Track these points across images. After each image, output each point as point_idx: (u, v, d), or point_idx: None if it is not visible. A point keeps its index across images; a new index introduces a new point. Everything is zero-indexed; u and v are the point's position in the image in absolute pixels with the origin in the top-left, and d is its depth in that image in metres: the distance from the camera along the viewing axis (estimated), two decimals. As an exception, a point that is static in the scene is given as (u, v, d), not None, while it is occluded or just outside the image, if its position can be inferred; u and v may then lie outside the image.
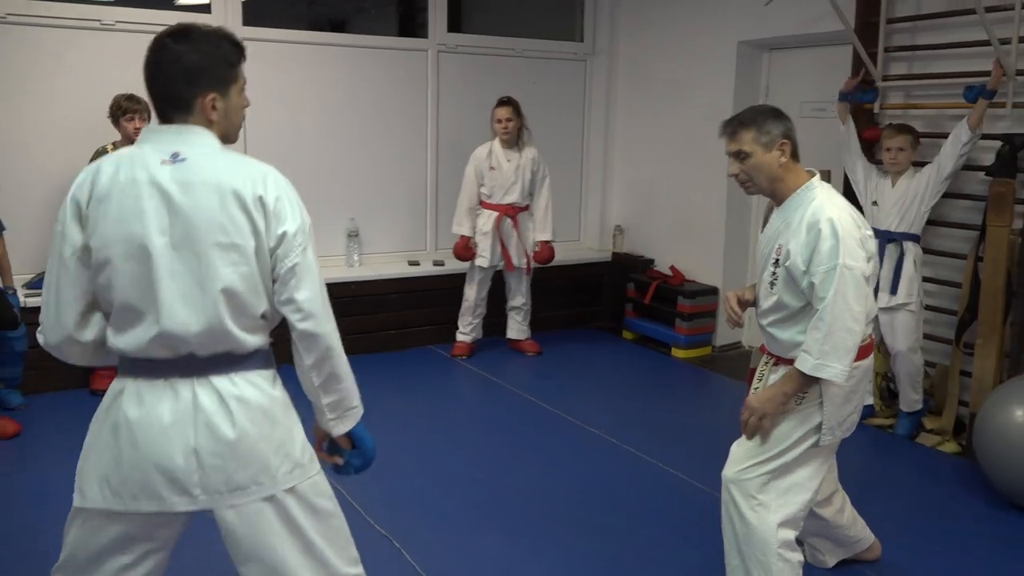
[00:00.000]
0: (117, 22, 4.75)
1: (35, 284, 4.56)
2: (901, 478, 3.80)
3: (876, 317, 4.13)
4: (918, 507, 3.50)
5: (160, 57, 1.75)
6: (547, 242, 5.34)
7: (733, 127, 2.46)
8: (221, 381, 1.73)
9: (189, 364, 1.72)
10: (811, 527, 2.74)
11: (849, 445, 4.00)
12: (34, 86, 4.62)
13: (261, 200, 1.71)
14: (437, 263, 5.71)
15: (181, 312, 1.68)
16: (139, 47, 4.78)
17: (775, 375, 2.50)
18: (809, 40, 5.08)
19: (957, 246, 4.19)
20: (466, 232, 5.24)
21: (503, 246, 5.24)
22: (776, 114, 2.46)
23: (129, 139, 4.48)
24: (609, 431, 4.19)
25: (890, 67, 4.51)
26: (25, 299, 4.38)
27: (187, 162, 1.70)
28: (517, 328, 5.54)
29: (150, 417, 1.70)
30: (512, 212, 5.26)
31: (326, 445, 1.96)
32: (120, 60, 4.76)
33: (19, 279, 4.47)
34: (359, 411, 1.90)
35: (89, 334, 1.79)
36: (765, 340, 2.59)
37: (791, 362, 2.40)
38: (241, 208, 1.69)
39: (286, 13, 5.68)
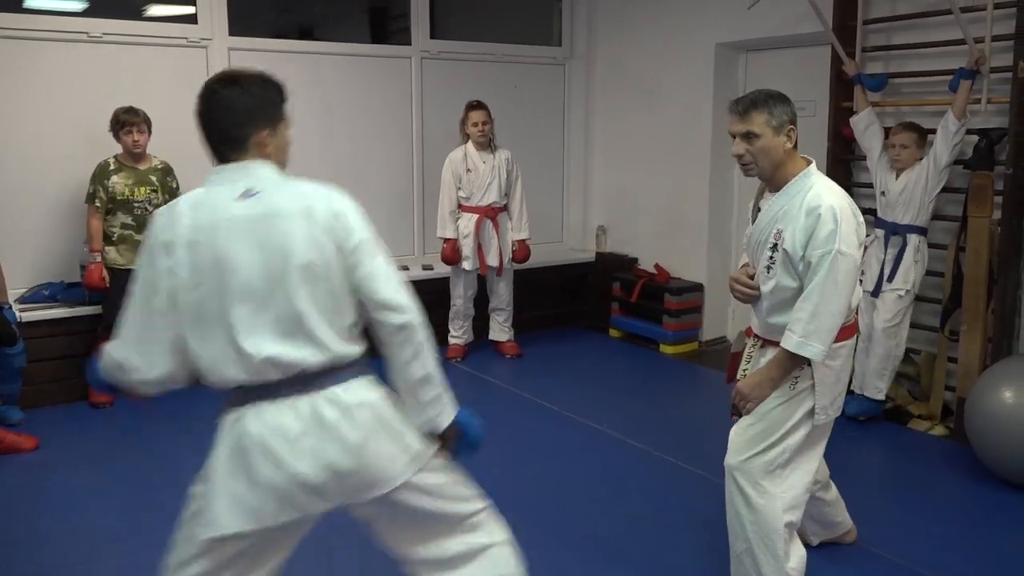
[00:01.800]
0: (104, 34, 4.74)
1: (29, 299, 4.53)
2: (894, 462, 3.97)
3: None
4: (912, 487, 3.65)
5: (212, 103, 1.85)
6: (524, 241, 5.45)
7: (745, 107, 2.46)
8: (333, 391, 1.83)
9: (300, 381, 1.81)
10: (807, 509, 2.81)
11: (842, 432, 4.15)
12: (25, 100, 4.59)
13: (336, 217, 1.82)
14: (426, 267, 5.76)
15: (283, 335, 1.78)
16: (127, 58, 4.89)
17: (764, 357, 2.57)
18: (786, 42, 5.24)
19: (939, 237, 4.35)
20: (451, 235, 5.31)
21: (480, 248, 5.32)
22: (784, 99, 2.49)
23: (129, 152, 4.49)
24: (609, 425, 4.29)
25: (867, 66, 4.67)
26: (21, 314, 4.35)
27: (261, 195, 1.80)
28: (499, 329, 5.61)
29: (277, 434, 1.79)
30: (492, 213, 5.33)
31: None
32: (109, 71, 4.78)
33: (14, 293, 4.42)
34: (452, 400, 1.98)
35: (175, 375, 1.86)
36: (755, 323, 2.65)
37: (778, 343, 2.47)
38: (321, 229, 1.80)
39: (270, 23, 5.69)
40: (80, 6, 4.89)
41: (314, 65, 5.46)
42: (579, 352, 5.79)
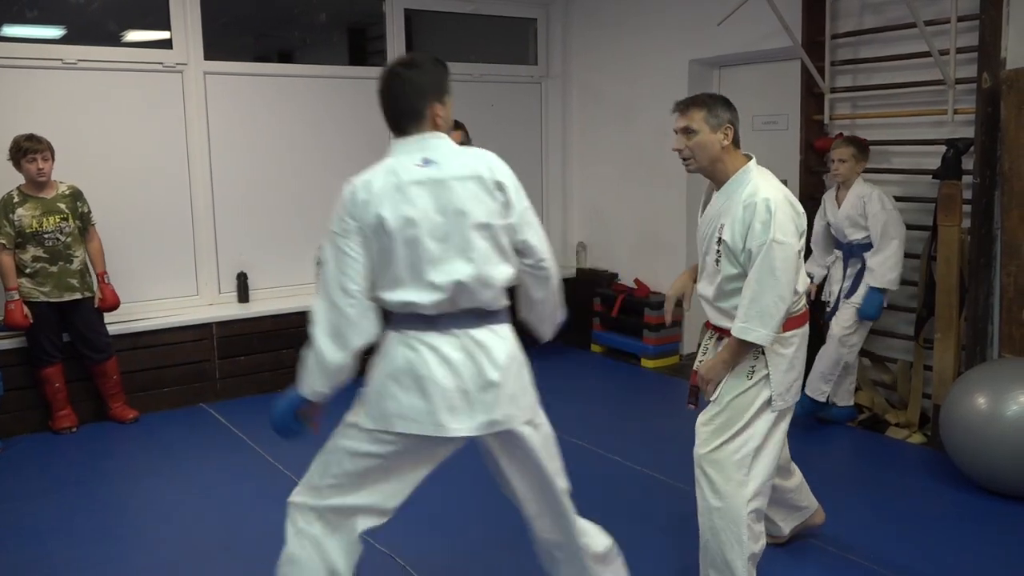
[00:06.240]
0: (79, 60, 4.75)
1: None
2: (871, 469, 3.97)
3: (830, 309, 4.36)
4: (887, 493, 3.67)
5: (396, 82, 2.18)
6: None
7: (686, 105, 2.61)
8: (482, 332, 2.16)
9: (458, 318, 2.14)
10: (771, 497, 2.89)
11: (818, 439, 4.14)
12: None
13: (500, 184, 2.17)
14: (407, 287, 5.78)
15: (453, 276, 2.10)
16: (100, 84, 4.87)
17: (719, 348, 2.68)
18: (758, 57, 5.30)
19: (910, 246, 4.39)
20: None
21: None
22: (726, 102, 2.62)
23: (32, 181, 4.27)
24: (591, 440, 4.30)
25: (836, 80, 4.74)
26: (-7, 343, 4.32)
27: (438, 164, 2.13)
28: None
29: (433, 359, 2.11)
30: None
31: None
32: (82, 97, 4.77)
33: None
34: None
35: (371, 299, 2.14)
36: (708, 314, 2.74)
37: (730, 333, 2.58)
38: (488, 193, 2.14)
39: (244, 47, 5.71)
40: (56, 34, 4.90)
41: (291, 88, 5.49)
42: (561, 367, 5.81)
